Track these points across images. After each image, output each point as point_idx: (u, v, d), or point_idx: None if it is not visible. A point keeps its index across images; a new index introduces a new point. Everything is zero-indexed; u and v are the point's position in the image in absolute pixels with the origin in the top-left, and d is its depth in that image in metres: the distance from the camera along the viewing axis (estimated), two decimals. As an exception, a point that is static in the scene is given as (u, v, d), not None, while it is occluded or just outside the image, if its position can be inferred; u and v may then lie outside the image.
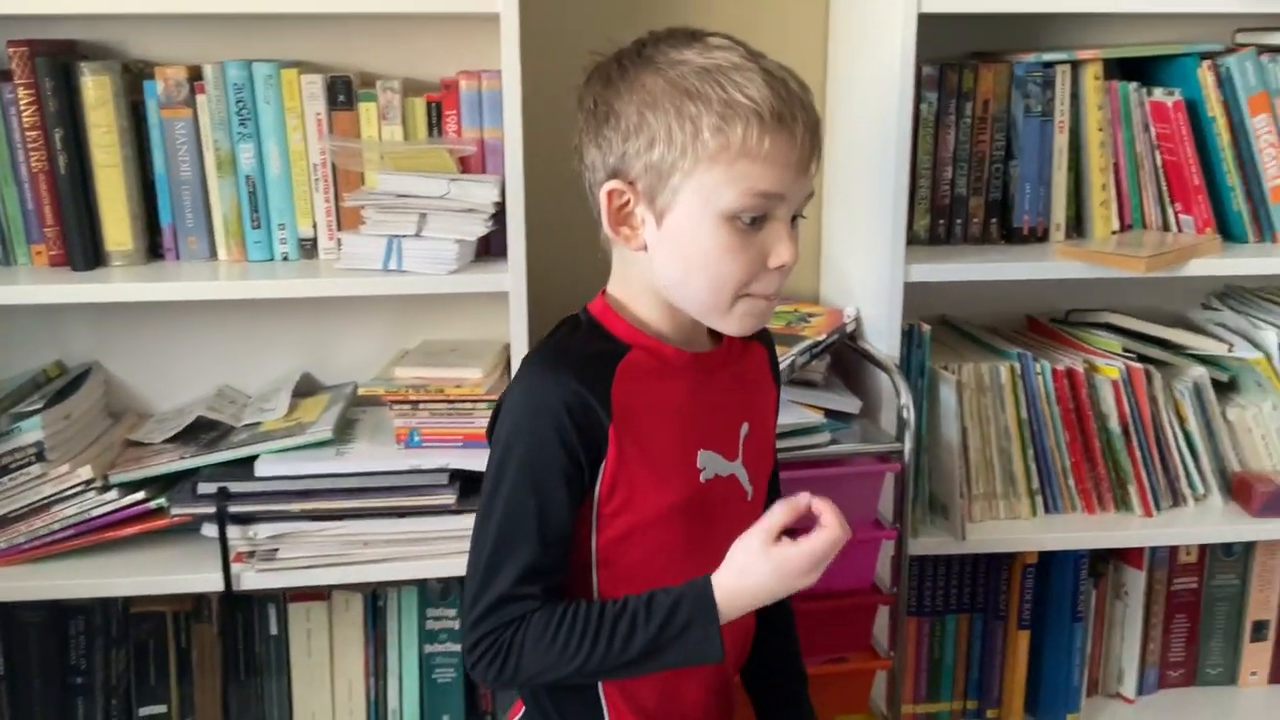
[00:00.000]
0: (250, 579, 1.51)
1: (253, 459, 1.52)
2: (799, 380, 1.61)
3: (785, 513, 1.02)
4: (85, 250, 1.53)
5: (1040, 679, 1.79)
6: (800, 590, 1.02)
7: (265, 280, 1.52)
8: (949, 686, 1.81)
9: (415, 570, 1.55)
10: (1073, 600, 1.74)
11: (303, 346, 1.74)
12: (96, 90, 1.50)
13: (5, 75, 1.50)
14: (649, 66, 1.00)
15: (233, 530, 1.50)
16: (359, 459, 1.53)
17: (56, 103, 1.48)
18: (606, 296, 1.10)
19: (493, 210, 1.52)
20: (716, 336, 1.11)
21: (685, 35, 1.02)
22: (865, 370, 1.66)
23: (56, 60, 1.49)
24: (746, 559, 1.01)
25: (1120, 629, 1.83)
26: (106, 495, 1.51)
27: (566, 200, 1.76)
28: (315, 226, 1.59)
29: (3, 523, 1.50)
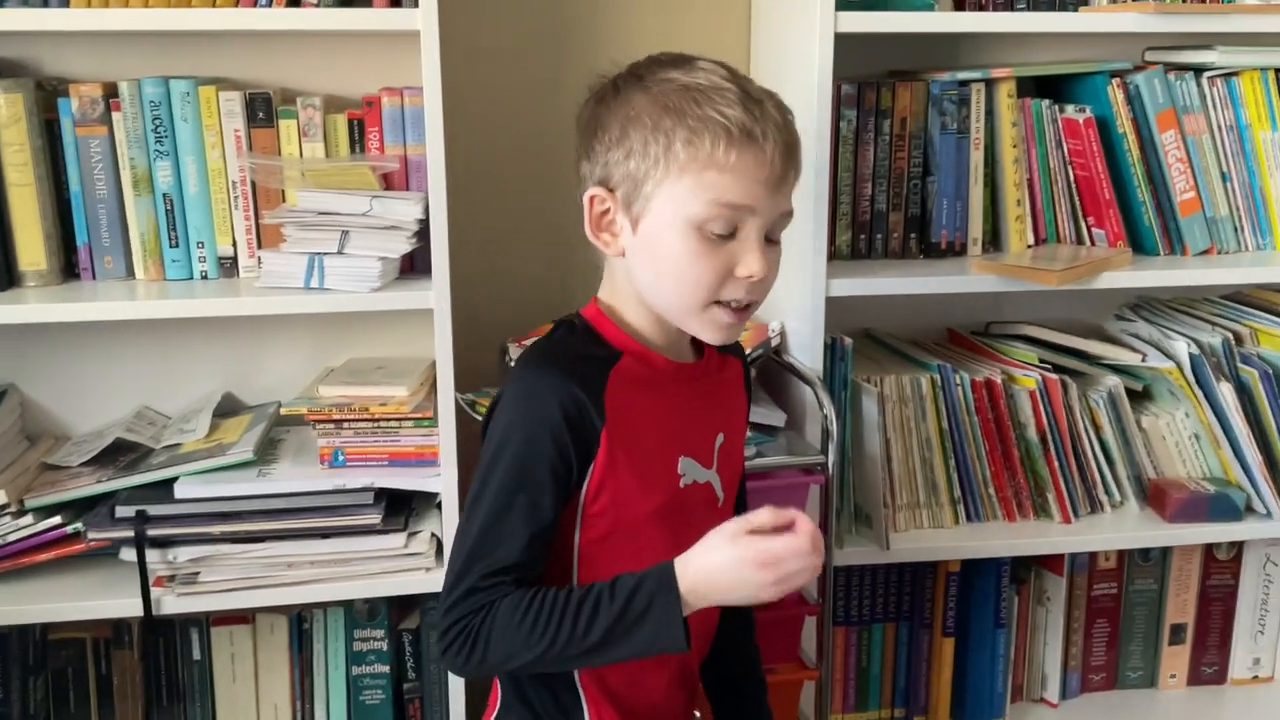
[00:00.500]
0: (171, 603, 1.49)
1: (172, 481, 1.50)
2: (724, 394, 1.62)
3: (769, 517, 1.03)
4: (-2, 270, 1.50)
5: (965, 685, 1.82)
6: (757, 601, 1.04)
7: (184, 299, 1.50)
8: (876, 695, 1.83)
9: (341, 591, 1.54)
10: (995, 607, 1.77)
11: (224, 366, 1.72)
12: (9, 108, 1.47)
13: (-88, 92, 1.47)
14: (638, 85, 1.07)
15: (152, 554, 1.48)
16: (282, 480, 1.51)
17: (-34, 120, 1.46)
18: (599, 302, 1.14)
19: (416, 227, 1.52)
20: (699, 348, 1.16)
21: (677, 59, 1.08)
22: (790, 384, 1.68)
23: (-34, 78, 1.46)
24: (716, 538, 1.03)
25: (1042, 634, 1.87)
26: (22, 520, 1.48)
27: (490, 217, 1.79)
28: (235, 245, 1.57)
29: (-88, 550, 1.46)
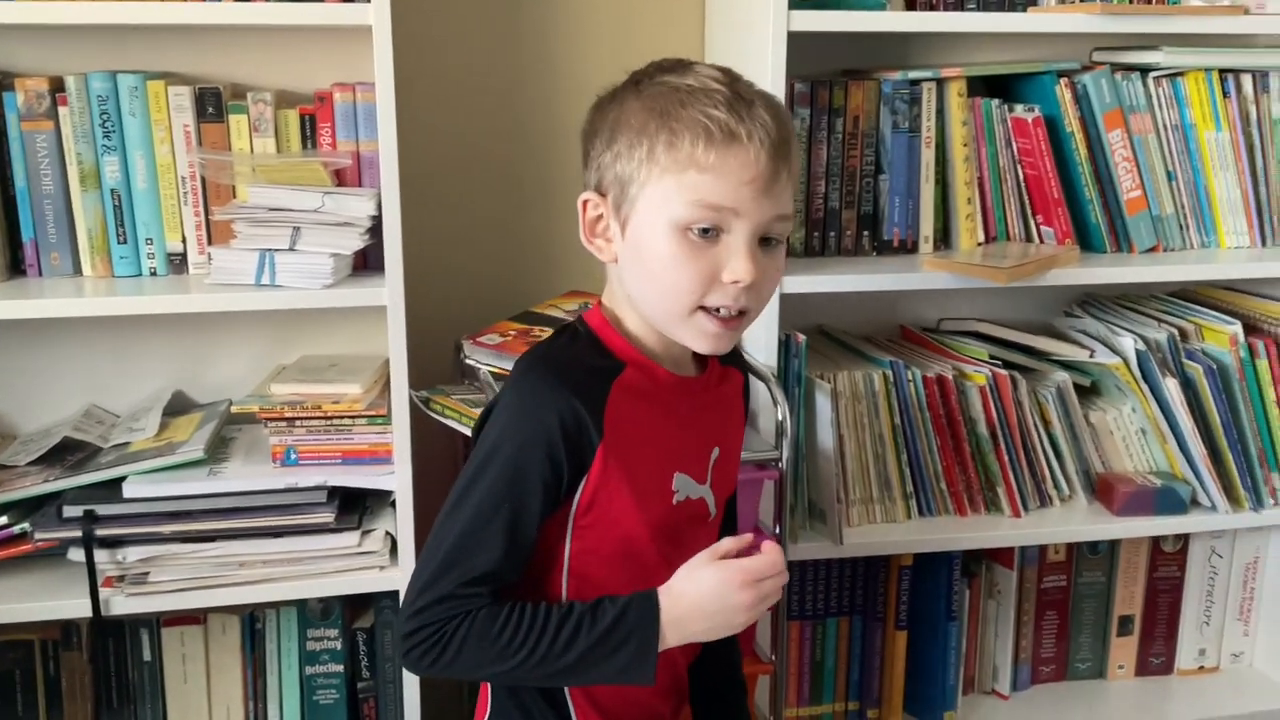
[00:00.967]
0: (120, 604, 1.47)
1: (121, 480, 1.48)
2: (679, 391, 1.63)
3: (734, 543, 1.07)
4: (-59, 267, 1.48)
5: (918, 678, 1.83)
6: (734, 628, 1.06)
7: (132, 296, 1.48)
8: (831, 688, 1.84)
9: (294, 591, 1.53)
10: (947, 600, 1.79)
11: (174, 364, 1.70)
12: (-49, 102, 1.45)
13: None
14: (633, 90, 1.06)
15: (101, 554, 1.47)
16: (233, 478, 1.50)
17: (-92, 114, 1.43)
18: (602, 308, 1.12)
19: (369, 224, 1.51)
20: (701, 361, 1.14)
21: (677, 64, 1.07)
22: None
23: (-93, 70, 1.44)
24: (694, 569, 1.05)
25: (994, 627, 1.89)
26: (-34, 521, 1.46)
27: (444, 213, 1.78)
28: (184, 241, 1.56)
29: None
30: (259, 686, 1.64)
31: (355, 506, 1.56)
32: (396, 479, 1.52)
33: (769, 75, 1.54)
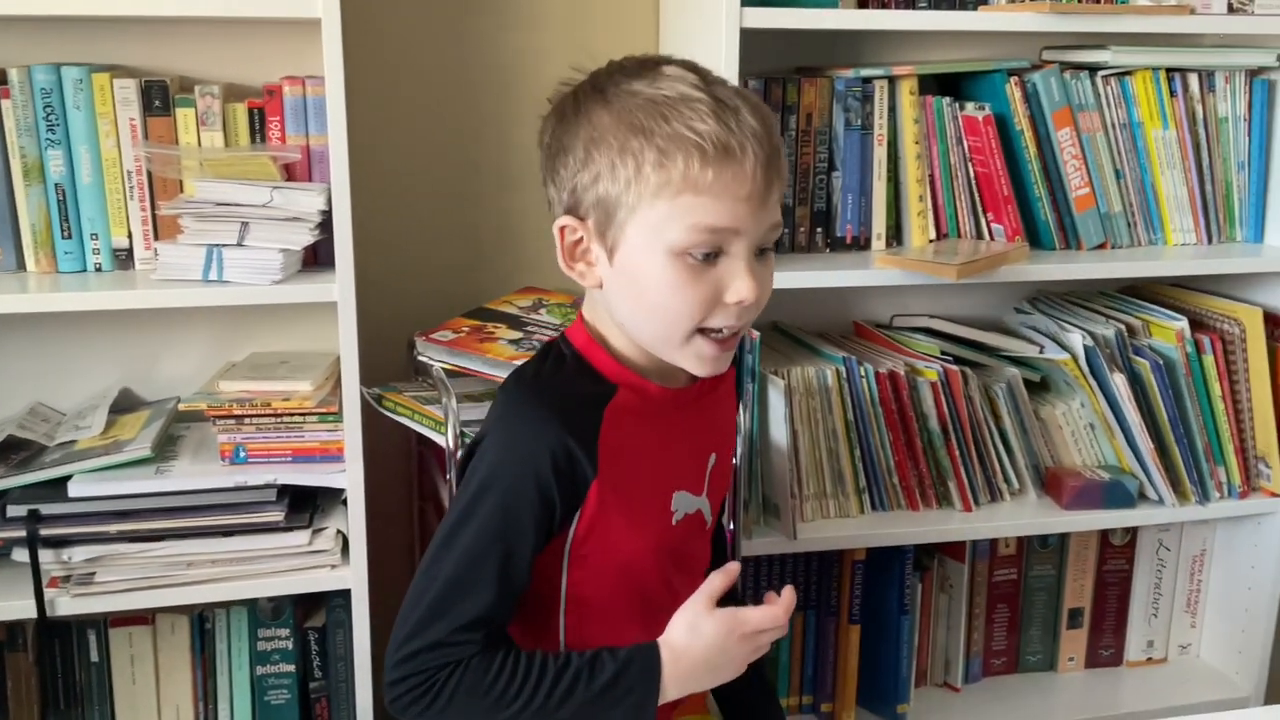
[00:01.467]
0: (66, 604, 1.45)
1: (66, 479, 1.46)
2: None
3: (723, 580, 1.03)
4: (-122, 262, 1.45)
5: (872, 672, 1.85)
6: (731, 676, 1.04)
7: (78, 292, 1.46)
8: (785, 683, 1.85)
9: (244, 590, 1.52)
10: (900, 594, 1.80)
11: (121, 361, 1.68)
12: (-112, 93, 1.42)
13: None
14: (599, 99, 0.99)
15: (46, 554, 1.44)
16: (180, 477, 1.48)
17: None
18: (587, 326, 1.07)
19: (319, 218, 1.49)
20: None
21: (642, 64, 1.01)
22: (698, 376, 1.69)
23: None
24: (694, 620, 1.02)
25: (946, 620, 1.91)
26: (-95, 521, 1.43)
27: (396, 208, 1.77)
28: (130, 236, 1.54)
29: None
30: (209, 687, 1.62)
31: (306, 505, 1.55)
32: (348, 477, 1.51)
33: (722, 72, 1.51)
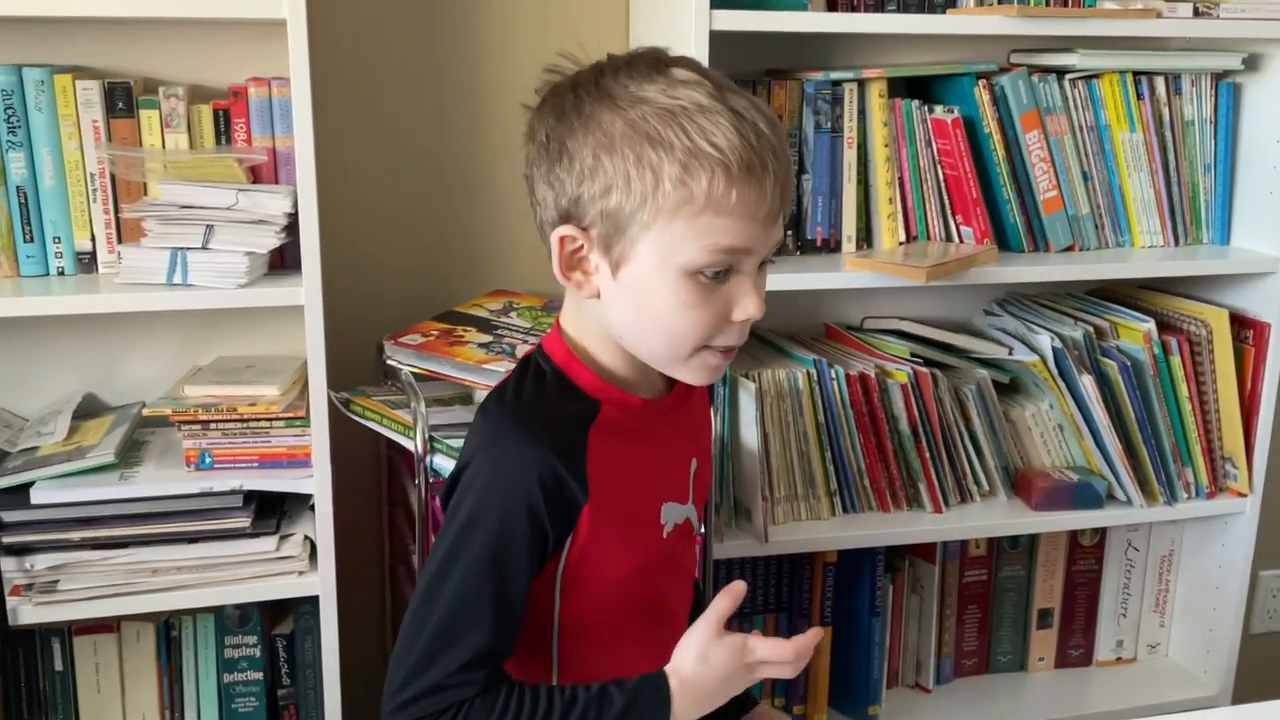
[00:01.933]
0: (29, 613, 1.43)
1: (28, 486, 1.44)
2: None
3: (729, 603, 1.01)
4: None
5: (843, 674, 1.85)
6: (732, 694, 1.03)
7: (40, 297, 1.44)
8: (757, 685, 1.84)
9: (210, 597, 1.50)
10: (871, 596, 1.81)
11: (84, 366, 1.65)
12: None
13: None
14: (607, 102, 0.94)
15: (8, 562, 1.43)
16: (145, 483, 1.47)
17: None
18: (565, 338, 1.04)
19: (285, 221, 1.48)
20: (670, 378, 1.07)
21: (648, 64, 0.96)
22: (669, 379, 1.68)
23: None
24: (705, 648, 1.00)
25: (917, 622, 1.92)
26: None
27: (363, 211, 1.75)
28: (94, 239, 1.52)
29: None
30: (175, 695, 1.60)
31: (273, 511, 1.54)
32: (315, 482, 1.49)
33: (691, 74, 1.53)
